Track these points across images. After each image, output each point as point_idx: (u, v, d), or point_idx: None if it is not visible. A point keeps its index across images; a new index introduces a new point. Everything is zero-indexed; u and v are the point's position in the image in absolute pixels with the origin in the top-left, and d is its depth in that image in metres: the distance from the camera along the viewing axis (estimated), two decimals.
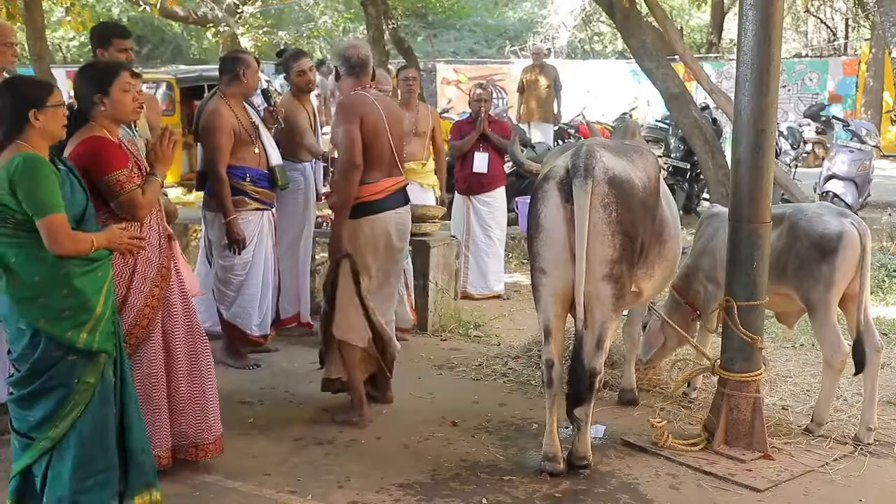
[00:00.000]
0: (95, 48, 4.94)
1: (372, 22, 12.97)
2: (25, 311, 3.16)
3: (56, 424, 3.20)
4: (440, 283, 6.41)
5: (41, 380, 3.19)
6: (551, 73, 12.41)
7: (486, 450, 4.28)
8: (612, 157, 3.94)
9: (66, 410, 3.21)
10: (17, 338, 3.22)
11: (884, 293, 7.00)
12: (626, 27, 9.45)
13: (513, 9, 29.05)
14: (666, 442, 4.22)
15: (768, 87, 4.11)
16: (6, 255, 3.15)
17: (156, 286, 3.76)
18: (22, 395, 3.23)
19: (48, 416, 3.20)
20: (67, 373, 3.20)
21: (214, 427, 3.97)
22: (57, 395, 3.20)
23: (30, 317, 3.16)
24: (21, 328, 3.19)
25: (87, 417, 3.24)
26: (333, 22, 24.02)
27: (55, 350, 3.18)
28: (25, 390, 3.21)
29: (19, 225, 3.14)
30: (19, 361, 3.23)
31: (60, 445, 3.22)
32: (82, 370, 3.22)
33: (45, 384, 3.19)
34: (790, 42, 24.43)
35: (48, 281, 3.17)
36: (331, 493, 3.83)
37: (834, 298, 4.26)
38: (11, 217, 3.13)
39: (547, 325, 4.00)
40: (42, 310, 3.17)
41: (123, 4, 18.06)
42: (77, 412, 3.22)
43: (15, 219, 3.13)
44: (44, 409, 3.20)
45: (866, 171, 10.05)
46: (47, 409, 3.20)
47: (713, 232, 4.71)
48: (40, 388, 3.20)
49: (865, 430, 4.32)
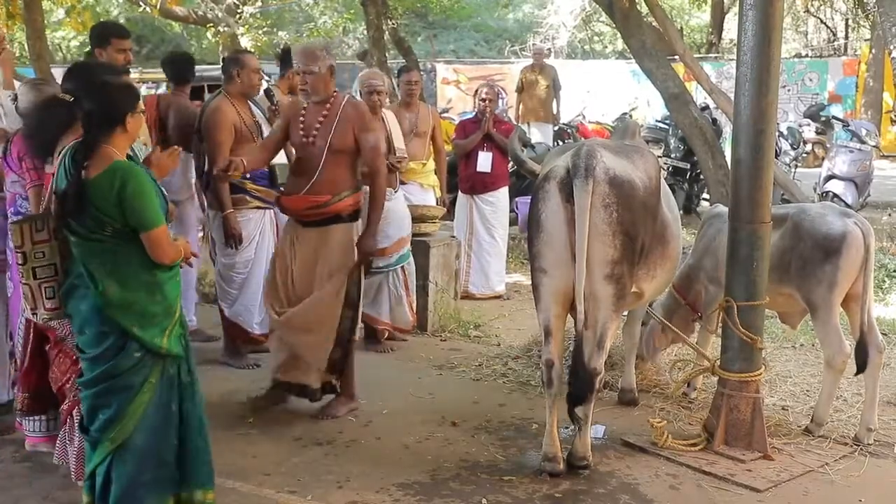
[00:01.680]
0: (94, 48, 4.96)
1: (372, 22, 12.97)
2: (119, 316, 3.19)
3: (120, 424, 3.24)
4: (440, 284, 6.40)
5: (112, 380, 3.23)
6: (551, 73, 12.40)
7: (486, 450, 4.28)
8: (612, 158, 3.93)
9: (132, 410, 3.24)
10: (96, 341, 3.23)
11: (884, 293, 7.01)
12: (625, 27, 9.46)
13: (513, 9, 29.05)
14: (666, 442, 4.22)
15: (768, 87, 4.11)
16: (102, 263, 3.18)
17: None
18: (94, 392, 3.26)
19: (115, 417, 3.24)
20: (138, 374, 3.24)
21: None
22: (123, 395, 3.24)
23: (123, 322, 3.19)
24: (104, 331, 3.21)
25: (149, 416, 3.27)
26: (333, 22, 24.01)
27: (136, 352, 3.23)
28: (98, 388, 3.25)
29: (116, 234, 3.17)
30: (95, 362, 3.25)
31: (125, 444, 3.26)
32: (150, 371, 3.27)
33: (114, 384, 3.23)
34: (790, 42, 24.44)
35: (143, 288, 3.22)
36: (330, 493, 3.83)
37: (836, 299, 4.26)
38: (111, 226, 3.15)
39: (547, 325, 4.00)
40: (136, 316, 3.20)
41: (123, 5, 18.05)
42: (141, 411, 3.25)
43: (113, 228, 3.15)
44: (112, 408, 3.24)
45: (866, 171, 10.05)
46: (115, 408, 3.24)
47: (715, 232, 4.71)
48: (109, 389, 3.23)
49: (865, 431, 4.31)
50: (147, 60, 25.00)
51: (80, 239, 3.19)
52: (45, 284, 3.32)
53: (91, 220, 3.13)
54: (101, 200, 3.10)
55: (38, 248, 3.31)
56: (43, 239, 3.31)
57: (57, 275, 3.34)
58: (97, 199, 3.10)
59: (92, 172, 3.13)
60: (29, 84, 4.12)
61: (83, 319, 3.26)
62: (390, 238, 5.84)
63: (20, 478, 3.97)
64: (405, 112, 6.62)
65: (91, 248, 3.18)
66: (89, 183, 3.12)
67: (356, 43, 26.26)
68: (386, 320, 5.95)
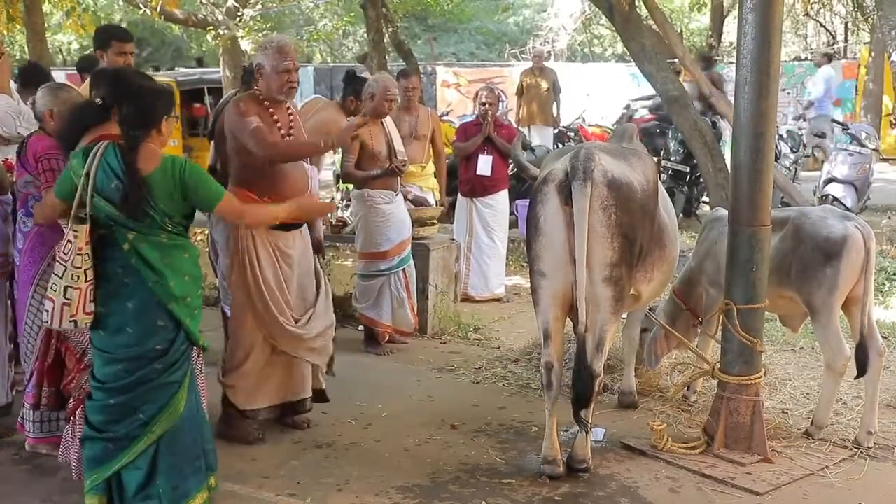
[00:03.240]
0: (96, 50, 4.99)
1: (372, 25, 12.95)
2: (178, 309, 3.31)
3: (164, 419, 3.33)
4: (440, 286, 6.41)
5: (158, 377, 3.32)
6: (551, 76, 12.42)
7: (486, 453, 4.28)
8: (610, 160, 3.94)
9: (175, 404, 3.36)
10: (149, 335, 3.31)
11: (883, 296, 7.00)
12: (625, 30, 9.45)
13: (513, 13, 29.07)
14: (665, 445, 4.22)
15: (768, 90, 4.12)
16: (162, 258, 3.30)
17: None
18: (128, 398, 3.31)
19: (158, 410, 3.32)
20: (181, 367, 3.38)
21: None
22: (169, 389, 3.35)
23: (181, 314, 3.32)
24: (160, 325, 3.31)
25: (189, 409, 3.40)
26: (333, 25, 24.02)
27: (183, 344, 3.37)
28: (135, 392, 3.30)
29: (175, 227, 3.32)
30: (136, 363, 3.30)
31: (166, 438, 3.34)
32: (189, 364, 3.42)
33: (166, 378, 3.34)
34: (790, 45, 24.46)
35: (193, 282, 3.38)
36: (330, 496, 3.83)
37: (837, 302, 4.26)
38: (170, 220, 3.29)
39: (546, 328, 4.00)
40: (188, 308, 3.36)
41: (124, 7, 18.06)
42: (181, 405, 3.37)
43: (172, 221, 3.30)
44: (158, 403, 3.33)
45: (866, 174, 10.05)
46: (161, 403, 3.33)
47: (717, 236, 4.70)
48: (157, 385, 3.32)
49: (865, 434, 4.31)
50: (147, 63, 25.05)
51: (139, 234, 3.29)
52: (91, 287, 3.32)
53: (152, 215, 3.26)
54: (163, 192, 3.26)
55: (87, 250, 3.31)
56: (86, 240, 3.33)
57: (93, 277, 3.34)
58: (159, 192, 3.26)
59: (148, 169, 3.27)
60: (47, 87, 4.16)
61: (128, 318, 3.31)
62: (391, 241, 5.86)
63: (19, 481, 3.96)
64: (405, 115, 6.62)
65: (151, 243, 3.30)
66: (148, 179, 3.26)
67: (356, 46, 26.30)
68: (387, 323, 5.95)
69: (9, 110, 4.75)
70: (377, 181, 5.82)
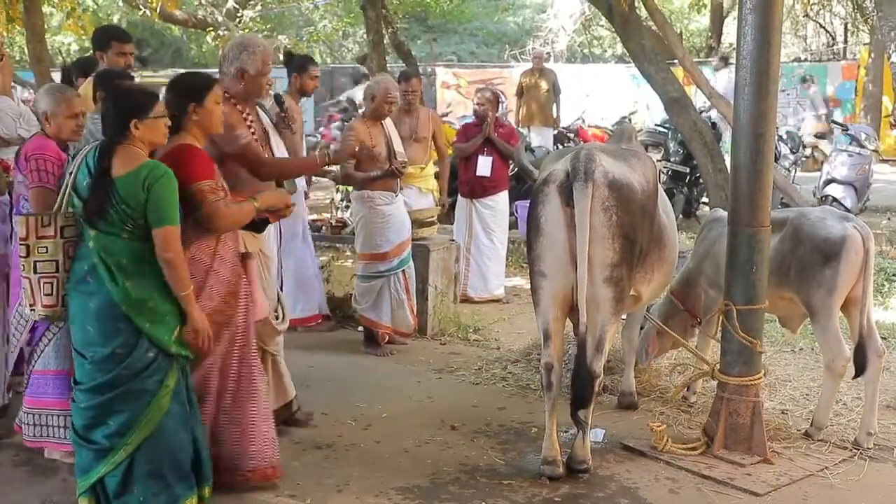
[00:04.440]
0: (95, 51, 4.98)
1: (372, 26, 12.95)
2: (133, 312, 3.26)
3: (139, 428, 3.29)
4: (440, 287, 6.41)
5: (126, 384, 3.28)
6: (550, 76, 12.41)
7: (486, 454, 4.28)
8: (611, 161, 3.94)
9: (150, 413, 3.31)
10: (104, 338, 3.29)
11: (883, 297, 7.01)
12: (625, 31, 9.46)
13: (513, 13, 29.07)
14: (665, 446, 4.22)
15: (767, 91, 4.12)
16: (120, 259, 3.27)
17: (223, 303, 3.70)
18: (101, 400, 3.29)
19: (132, 420, 3.29)
20: (152, 376, 3.31)
21: (256, 456, 3.77)
22: (142, 398, 3.30)
23: (137, 319, 3.27)
24: (120, 328, 3.28)
25: (170, 420, 3.34)
26: (333, 26, 24.02)
27: (148, 352, 3.29)
28: (107, 395, 3.28)
29: (137, 229, 3.27)
30: (103, 365, 3.29)
31: (144, 447, 3.31)
32: (166, 373, 3.34)
33: (128, 388, 3.29)
34: (789, 46, 24.45)
35: (157, 287, 3.30)
36: (330, 497, 3.82)
37: (836, 303, 4.26)
38: (132, 222, 3.25)
39: (546, 328, 4.00)
40: (150, 313, 3.29)
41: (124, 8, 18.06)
42: (159, 415, 3.32)
43: (134, 223, 3.26)
44: (129, 413, 3.29)
45: (865, 175, 10.05)
46: (132, 413, 3.29)
47: (716, 236, 4.70)
48: (123, 394, 3.28)
49: (865, 435, 4.31)
50: (147, 64, 25.03)
51: (100, 233, 3.28)
52: (45, 280, 3.39)
53: (115, 215, 3.24)
54: (129, 195, 3.22)
55: (42, 243, 3.38)
56: (48, 234, 3.38)
57: (58, 272, 3.40)
58: (125, 194, 3.22)
59: (119, 170, 3.25)
60: (46, 89, 4.16)
61: (90, 317, 3.29)
62: (391, 242, 5.86)
63: (19, 481, 3.96)
64: (405, 117, 6.63)
65: (111, 243, 3.27)
66: (117, 180, 3.24)
67: (356, 47, 26.29)
68: (387, 324, 5.95)
69: (9, 112, 4.75)
70: (377, 182, 5.83)
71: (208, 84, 3.73)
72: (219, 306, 3.67)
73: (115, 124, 3.33)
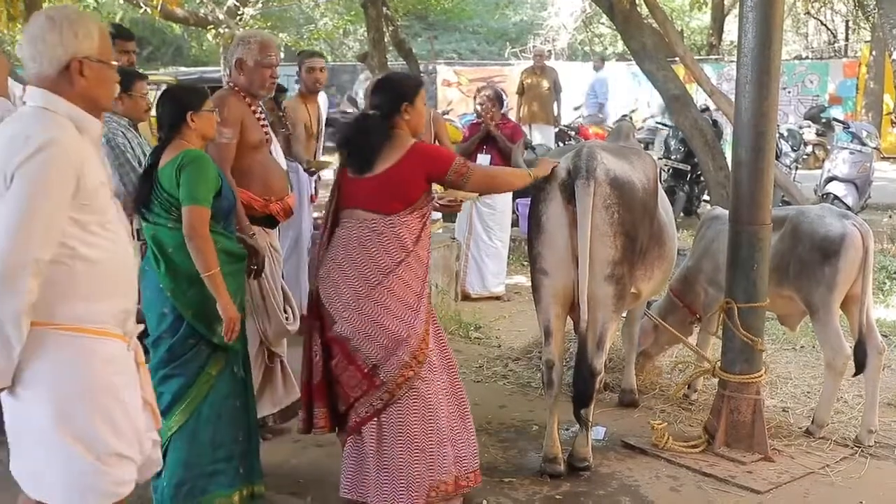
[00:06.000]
0: None
1: (372, 24, 12.95)
2: (177, 299, 3.34)
3: (172, 413, 3.36)
4: (440, 285, 6.40)
5: (169, 366, 3.37)
6: (551, 74, 12.41)
7: (487, 451, 4.28)
8: (612, 159, 3.94)
9: (188, 399, 3.38)
10: (157, 322, 3.39)
11: (884, 295, 7.00)
12: (626, 29, 9.45)
13: (513, 11, 29.07)
14: (666, 444, 4.22)
15: (769, 88, 4.11)
16: (166, 248, 3.36)
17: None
18: (157, 377, 3.35)
19: (169, 405, 3.35)
20: (192, 362, 3.39)
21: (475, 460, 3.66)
22: (179, 382, 3.38)
23: (181, 305, 3.34)
24: (164, 313, 3.38)
25: (207, 407, 3.40)
26: (334, 24, 24.02)
27: (190, 338, 3.37)
28: (157, 375, 3.35)
29: (181, 219, 3.33)
30: (156, 345, 3.41)
31: (181, 432, 3.37)
32: (208, 361, 3.41)
33: (172, 370, 3.37)
34: (790, 44, 24.44)
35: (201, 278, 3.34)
36: (331, 495, 3.82)
37: (836, 300, 4.26)
38: (176, 210, 3.33)
39: (547, 326, 4.00)
40: (192, 301, 3.35)
41: (125, 6, 18.06)
42: (196, 402, 3.38)
43: (178, 211, 3.33)
44: (167, 395, 3.36)
45: (867, 172, 10.04)
46: (170, 396, 3.36)
47: (714, 234, 4.71)
48: (167, 375, 3.37)
49: (866, 433, 4.31)
50: (148, 62, 25.05)
51: (149, 225, 3.41)
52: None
53: (158, 205, 3.36)
54: (169, 183, 3.33)
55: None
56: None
57: None
58: (166, 182, 3.33)
59: (163, 161, 3.39)
60: None
61: (147, 302, 3.40)
62: None
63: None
64: None
65: (158, 232, 3.38)
66: (160, 171, 3.38)
67: (357, 45, 26.29)
68: None
69: (5, 114, 4.73)
70: None
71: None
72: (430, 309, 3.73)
73: (172, 117, 3.46)
